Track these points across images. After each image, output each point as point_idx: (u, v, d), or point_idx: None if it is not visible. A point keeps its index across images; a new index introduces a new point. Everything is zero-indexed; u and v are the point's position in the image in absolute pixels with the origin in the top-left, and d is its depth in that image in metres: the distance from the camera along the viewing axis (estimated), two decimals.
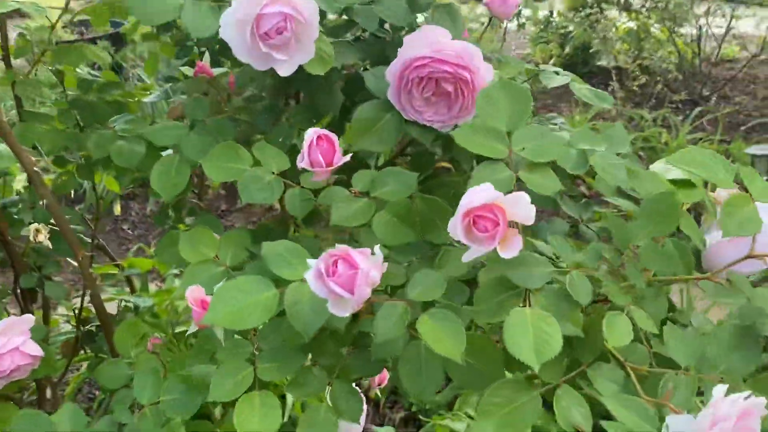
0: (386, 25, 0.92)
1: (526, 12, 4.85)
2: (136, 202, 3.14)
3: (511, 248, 0.58)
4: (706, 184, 0.79)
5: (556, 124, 0.98)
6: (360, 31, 0.93)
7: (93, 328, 1.32)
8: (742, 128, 3.49)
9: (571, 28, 4.30)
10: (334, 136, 0.73)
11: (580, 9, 4.36)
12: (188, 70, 1.00)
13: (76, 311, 1.32)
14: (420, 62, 0.72)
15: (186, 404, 0.81)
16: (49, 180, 1.20)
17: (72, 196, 2.81)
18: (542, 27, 4.60)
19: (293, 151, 0.83)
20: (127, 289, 1.56)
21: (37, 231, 1.18)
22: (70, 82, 1.13)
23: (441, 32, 0.77)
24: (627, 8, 4.27)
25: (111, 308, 1.43)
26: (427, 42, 0.76)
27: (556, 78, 0.94)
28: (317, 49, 0.78)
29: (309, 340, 0.68)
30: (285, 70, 0.77)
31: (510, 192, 0.64)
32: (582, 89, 0.94)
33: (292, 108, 1.00)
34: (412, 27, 0.88)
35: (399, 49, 0.78)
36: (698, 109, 3.55)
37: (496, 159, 0.66)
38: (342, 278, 0.56)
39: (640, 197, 0.90)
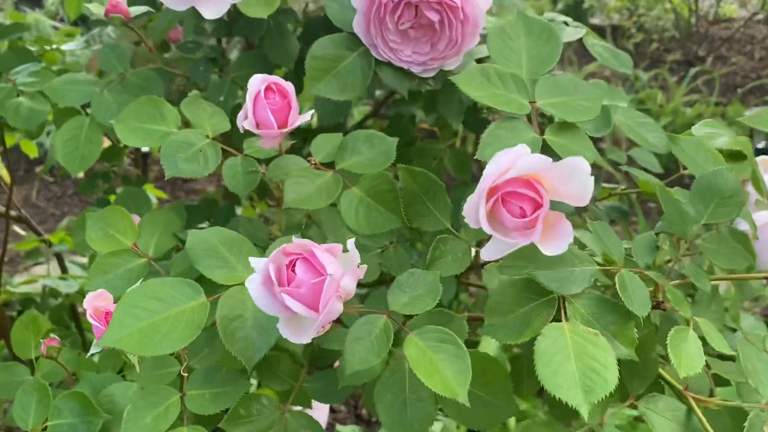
0: None
1: None
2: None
3: (557, 240, 0.39)
4: None
5: None
6: None
7: (15, 314, 1.11)
8: (739, 90, 3.34)
9: None
10: (289, 86, 0.54)
11: None
12: (99, 8, 0.79)
13: None
14: None
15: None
16: None
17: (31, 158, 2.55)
18: None
19: (237, 112, 0.65)
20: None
21: None
22: None
23: None
24: None
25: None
26: None
27: (567, 30, 0.76)
28: None
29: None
30: (211, 11, 0.59)
31: None
32: (597, 46, 0.76)
33: (236, 58, 0.81)
34: None
35: None
36: (694, 69, 3.37)
37: (514, 115, 0.48)
38: (302, 289, 0.38)
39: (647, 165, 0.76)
